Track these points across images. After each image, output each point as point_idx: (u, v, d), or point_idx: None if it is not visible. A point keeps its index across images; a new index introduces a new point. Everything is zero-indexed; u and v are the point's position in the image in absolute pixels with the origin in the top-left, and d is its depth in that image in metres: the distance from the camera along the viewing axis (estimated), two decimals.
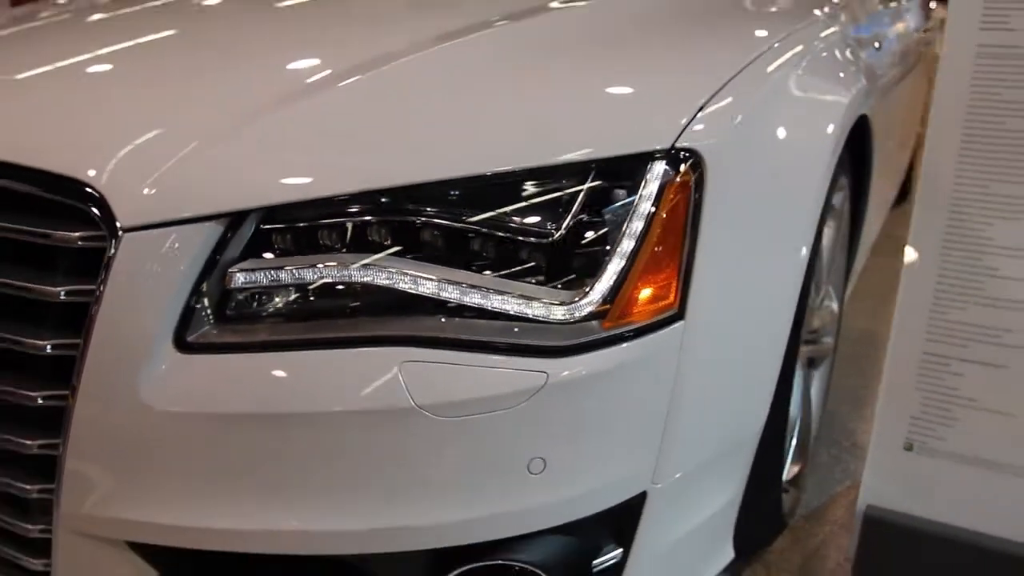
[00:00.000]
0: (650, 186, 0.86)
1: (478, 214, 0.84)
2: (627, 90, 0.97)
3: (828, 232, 1.43)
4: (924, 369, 1.34)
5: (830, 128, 1.15)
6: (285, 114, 0.90)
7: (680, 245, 0.88)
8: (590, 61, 1.04)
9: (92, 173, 0.84)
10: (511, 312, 0.84)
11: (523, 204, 0.85)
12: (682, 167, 0.88)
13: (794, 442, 1.41)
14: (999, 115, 1.33)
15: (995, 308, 1.31)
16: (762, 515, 1.24)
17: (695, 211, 0.89)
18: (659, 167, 0.87)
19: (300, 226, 0.84)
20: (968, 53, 1.35)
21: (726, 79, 0.98)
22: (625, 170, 0.87)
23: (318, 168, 0.86)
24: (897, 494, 1.36)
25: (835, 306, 1.58)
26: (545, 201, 0.85)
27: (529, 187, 0.85)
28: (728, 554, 1.11)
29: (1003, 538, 1.32)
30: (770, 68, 1.09)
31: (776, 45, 1.14)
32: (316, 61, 1.03)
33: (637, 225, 0.85)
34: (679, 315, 0.88)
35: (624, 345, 0.85)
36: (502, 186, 0.85)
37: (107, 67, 1.06)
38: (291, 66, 1.03)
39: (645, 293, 0.86)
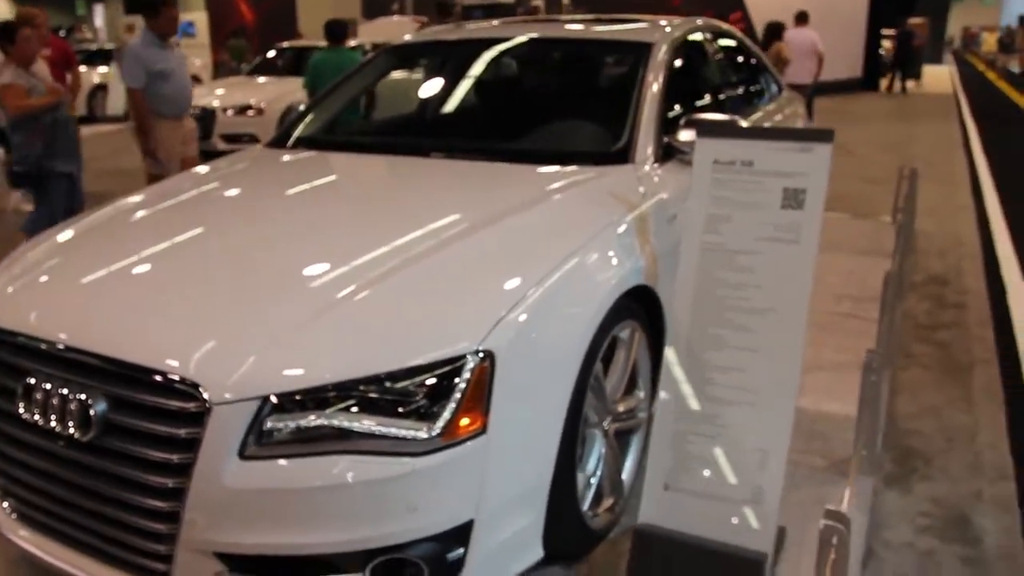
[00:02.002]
0: (464, 372, 1.78)
1: (381, 396, 1.77)
2: (455, 309, 1.88)
3: (621, 354, 2.35)
4: (674, 438, 2.24)
5: (592, 308, 2.06)
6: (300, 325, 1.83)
7: (483, 398, 1.80)
8: (438, 285, 1.95)
9: (191, 369, 1.77)
10: (400, 436, 1.75)
11: (398, 385, 1.77)
12: (483, 357, 1.80)
13: (596, 483, 2.30)
14: (712, 287, 2.24)
15: (711, 403, 2.20)
16: (567, 531, 2.14)
17: (490, 380, 1.80)
18: (471, 360, 1.79)
19: (296, 398, 1.77)
20: (695, 247, 2.26)
21: (519, 298, 1.90)
22: (452, 361, 1.78)
23: (310, 363, 1.78)
24: (659, 517, 2.25)
25: (642, 393, 2.49)
26: (409, 385, 1.77)
27: (400, 376, 1.77)
28: (538, 552, 2.01)
29: (725, 542, 2.20)
30: (553, 281, 2.00)
31: (565, 265, 2.06)
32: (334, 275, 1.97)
33: (459, 392, 1.77)
34: (483, 432, 1.80)
35: (455, 448, 1.77)
36: (391, 377, 1.77)
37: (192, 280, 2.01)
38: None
39: (464, 422, 1.78)
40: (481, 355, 1.80)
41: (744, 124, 2.83)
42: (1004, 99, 19.34)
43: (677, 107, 3.01)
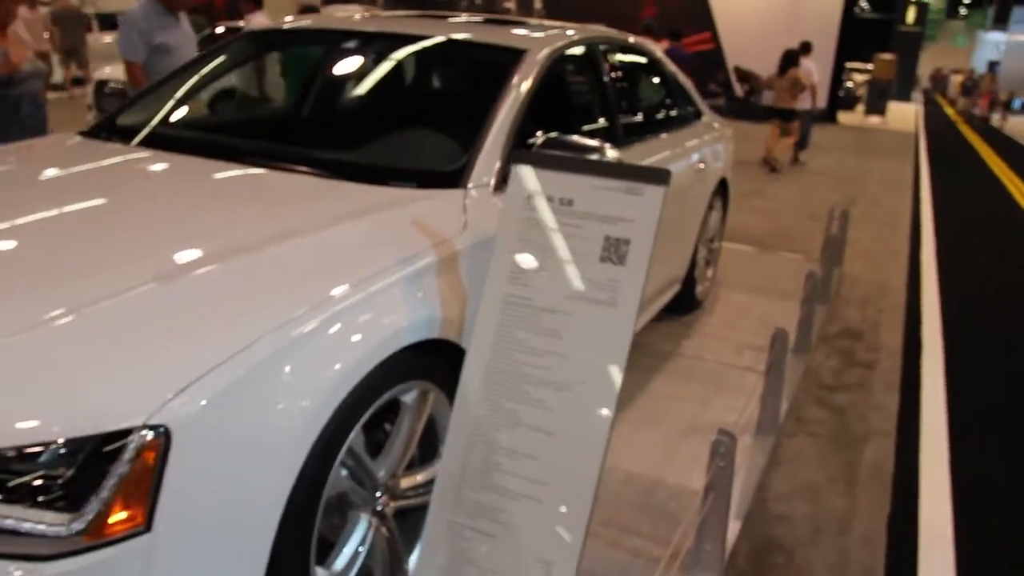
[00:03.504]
0: (126, 452, 1.34)
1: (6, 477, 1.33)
2: (132, 368, 1.43)
3: (405, 420, 1.93)
4: (450, 530, 1.82)
5: (340, 370, 1.62)
6: None
7: (149, 486, 1.36)
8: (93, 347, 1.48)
9: None
10: (30, 531, 1.31)
11: (32, 464, 1.33)
12: (154, 434, 1.36)
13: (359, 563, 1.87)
14: (511, 351, 1.83)
15: (495, 493, 1.79)
16: None
17: (162, 464, 1.37)
18: (136, 438, 1.35)
19: None
20: (497, 299, 1.85)
21: (224, 357, 1.47)
22: (112, 437, 1.35)
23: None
24: None
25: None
26: (47, 464, 1.33)
27: (34, 454, 1.33)
28: None
29: None
30: (282, 335, 1.56)
31: (309, 315, 1.62)
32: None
33: (116, 477, 1.33)
34: (145, 529, 1.36)
35: (103, 550, 1.33)
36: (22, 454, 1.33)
37: None
38: None
39: (119, 516, 1.34)
40: (151, 431, 1.37)
41: (611, 153, 2.43)
42: (963, 142, 19.34)
43: (544, 128, 2.60)
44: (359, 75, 3.15)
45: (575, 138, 2.44)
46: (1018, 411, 3.87)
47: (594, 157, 2.39)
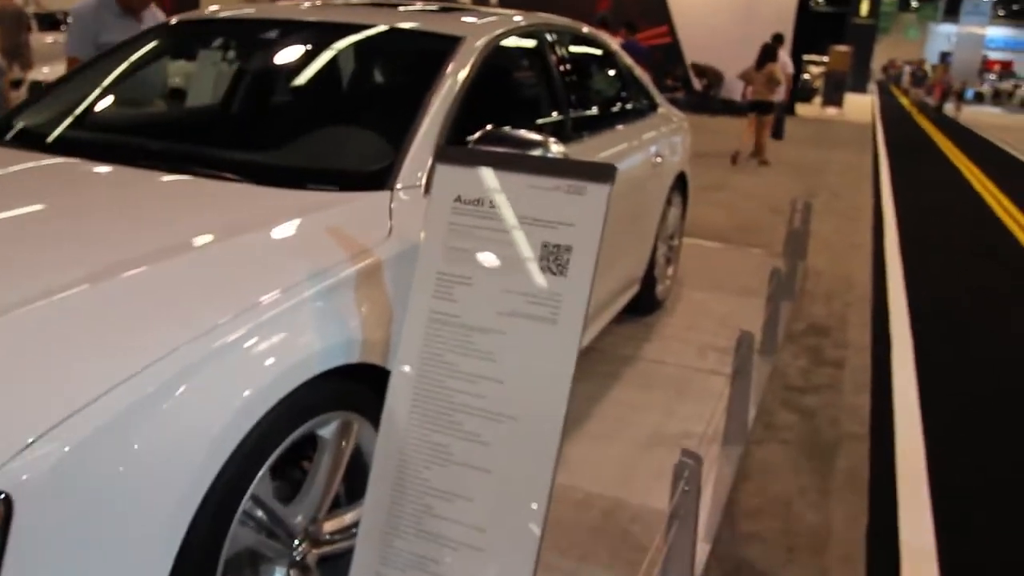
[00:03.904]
0: None
1: None
2: None
3: (325, 459, 1.69)
4: None
5: (233, 407, 1.37)
6: None
7: None
8: None
9: None
10: None
11: None
12: None
13: None
14: (440, 376, 1.59)
15: (426, 541, 1.56)
16: None
17: (2, 535, 1.11)
18: None
19: None
20: (422, 316, 1.61)
21: (78, 407, 1.21)
22: None
23: None
24: None
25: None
26: None
27: None
28: None
29: None
30: (154, 376, 1.30)
31: (190, 348, 1.36)
32: None
33: None
34: None
35: None
36: None
37: None
38: None
39: None
40: None
41: (556, 148, 2.20)
42: (919, 131, 19.48)
43: (484, 123, 2.36)
44: (280, 69, 2.88)
45: (514, 131, 2.22)
46: (993, 404, 3.72)
47: (537, 152, 2.16)
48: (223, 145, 2.40)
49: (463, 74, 2.39)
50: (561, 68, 3.19)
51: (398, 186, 2.03)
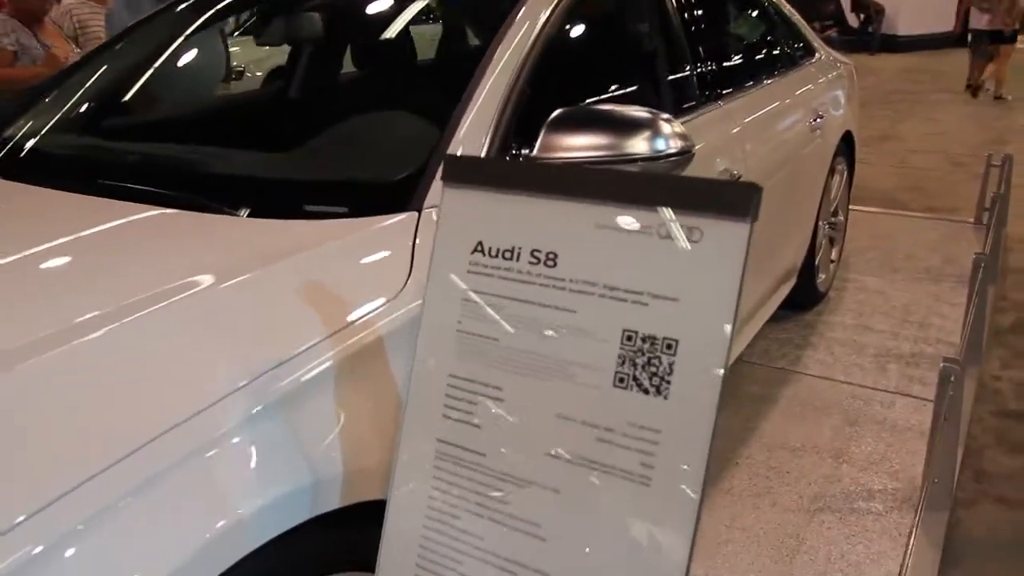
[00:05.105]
0: None
1: None
2: None
3: None
4: None
5: None
6: None
7: None
8: None
9: None
10: None
11: None
12: None
13: None
14: (453, 551, 0.95)
15: None
16: None
17: None
18: None
19: None
20: (424, 448, 0.97)
21: None
22: None
23: None
24: None
25: None
26: None
27: None
28: None
29: None
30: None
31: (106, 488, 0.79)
32: None
33: None
34: None
35: None
36: None
37: None
38: None
39: None
40: None
41: (672, 131, 1.45)
42: None
43: (568, 96, 1.66)
44: (310, 56, 2.23)
45: (607, 108, 1.51)
46: None
47: (641, 138, 1.43)
48: (242, 162, 1.74)
49: (527, 44, 1.67)
50: (682, 7, 2.40)
51: (426, 205, 1.36)
